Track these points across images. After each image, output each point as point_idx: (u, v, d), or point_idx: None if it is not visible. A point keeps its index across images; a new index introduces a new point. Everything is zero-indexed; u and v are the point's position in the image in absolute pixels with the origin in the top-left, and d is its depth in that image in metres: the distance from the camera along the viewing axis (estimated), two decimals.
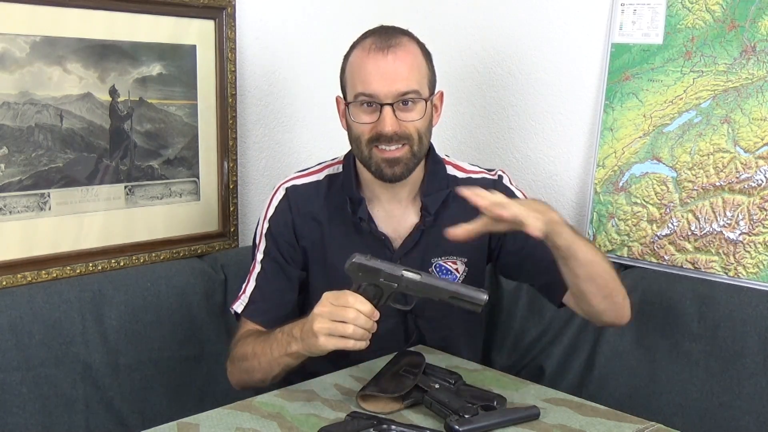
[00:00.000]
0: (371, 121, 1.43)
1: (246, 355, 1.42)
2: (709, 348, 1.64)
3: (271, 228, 1.54)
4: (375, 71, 1.41)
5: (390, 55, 1.41)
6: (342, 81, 1.50)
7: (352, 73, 1.46)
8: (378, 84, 1.41)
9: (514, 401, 1.31)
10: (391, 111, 1.41)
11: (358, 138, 1.46)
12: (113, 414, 1.63)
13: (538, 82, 2.04)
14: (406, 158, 1.45)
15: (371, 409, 1.26)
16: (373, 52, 1.42)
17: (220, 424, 1.21)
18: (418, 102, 1.43)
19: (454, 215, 1.53)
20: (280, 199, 1.55)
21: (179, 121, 1.82)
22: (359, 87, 1.43)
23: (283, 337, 1.34)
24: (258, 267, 1.54)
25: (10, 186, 1.58)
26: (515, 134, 2.11)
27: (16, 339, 1.52)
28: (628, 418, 1.26)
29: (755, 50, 1.67)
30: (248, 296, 1.52)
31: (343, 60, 1.50)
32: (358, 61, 1.45)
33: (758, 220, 1.66)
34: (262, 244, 1.55)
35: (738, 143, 1.69)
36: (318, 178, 1.57)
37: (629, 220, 1.84)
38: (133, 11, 1.70)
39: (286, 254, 1.53)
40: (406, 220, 1.54)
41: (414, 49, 1.46)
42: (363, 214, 1.51)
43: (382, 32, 1.47)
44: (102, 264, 1.71)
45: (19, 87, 1.56)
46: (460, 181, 1.56)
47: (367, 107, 1.43)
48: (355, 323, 1.22)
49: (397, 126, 1.41)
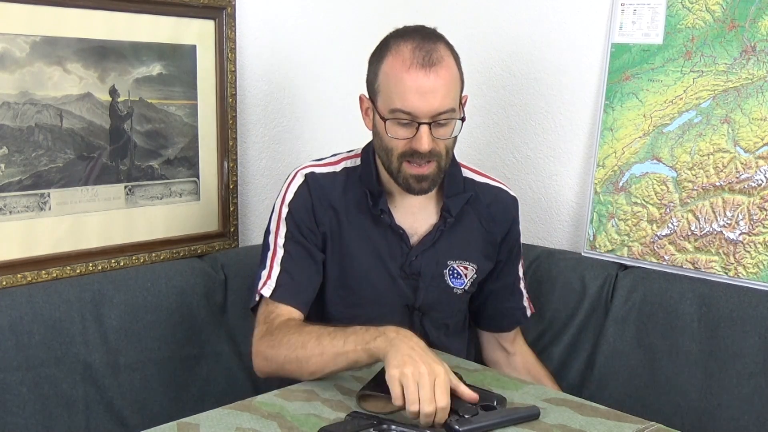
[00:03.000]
0: (407, 137, 1.40)
1: (303, 343, 1.33)
2: (708, 348, 1.64)
3: (291, 212, 1.51)
4: (415, 89, 1.37)
5: (432, 74, 1.37)
6: (373, 84, 1.45)
7: (389, 84, 1.40)
8: (418, 103, 1.37)
9: (515, 401, 1.31)
10: (428, 130, 1.39)
11: (389, 150, 1.43)
12: (113, 414, 1.63)
13: (538, 82, 2.04)
14: (434, 174, 1.44)
15: (371, 408, 1.26)
16: (414, 69, 1.37)
17: (220, 424, 1.21)
18: (453, 120, 1.42)
19: (470, 220, 1.56)
20: (300, 184, 1.52)
21: (179, 121, 1.82)
22: (397, 103, 1.39)
23: (368, 332, 1.27)
24: (281, 251, 1.50)
25: (10, 186, 1.58)
26: (515, 134, 2.11)
27: (16, 339, 1.52)
28: (628, 418, 1.26)
29: (755, 50, 1.67)
30: (275, 280, 1.47)
31: (373, 59, 1.46)
32: (396, 74, 1.39)
33: (758, 220, 1.66)
34: (281, 228, 1.51)
35: (738, 143, 1.69)
36: (335, 170, 1.55)
37: (629, 220, 1.84)
38: (133, 11, 1.70)
39: (308, 237, 1.51)
40: (423, 217, 1.54)
41: (451, 63, 1.42)
42: (384, 206, 1.50)
43: (421, 40, 1.41)
44: (102, 264, 1.71)
45: (19, 87, 1.56)
46: (477, 185, 1.59)
47: (403, 123, 1.40)
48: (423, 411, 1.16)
49: (433, 144, 1.40)
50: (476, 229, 1.56)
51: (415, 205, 1.53)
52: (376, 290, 1.52)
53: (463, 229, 1.54)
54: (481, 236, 1.57)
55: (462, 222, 1.54)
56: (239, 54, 1.92)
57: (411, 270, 1.52)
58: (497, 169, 2.12)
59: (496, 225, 1.58)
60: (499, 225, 1.58)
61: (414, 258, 1.51)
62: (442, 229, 1.52)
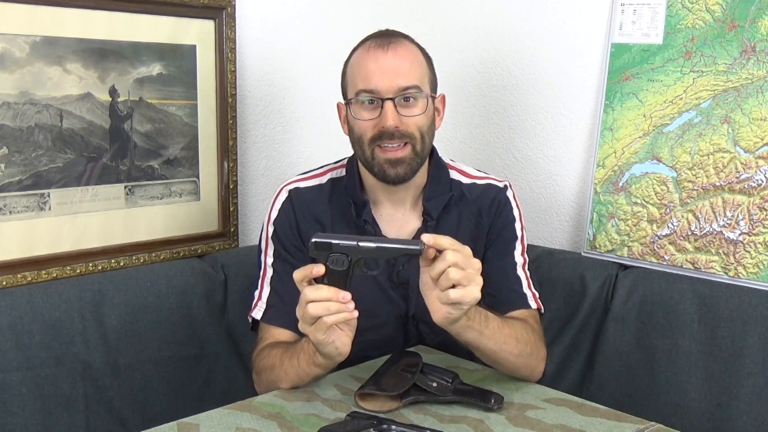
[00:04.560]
0: (373, 117, 1.42)
1: (273, 366, 1.38)
2: (708, 348, 1.65)
3: (276, 230, 1.52)
4: (376, 67, 1.41)
5: (390, 52, 1.42)
6: (343, 84, 1.50)
7: (353, 71, 1.46)
8: (379, 79, 1.40)
9: (514, 401, 1.31)
10: (393, 106, 1.40)
11: (360, 138, 1.45)
12: (113, 414, 1.63)
13: (538, 82, 2.04)
14: (409, 158, 1.43)
15: (370, 407, 1.26)
16: (373, 49, 1.43)
17: (220, 424, 1.21)
18: (420, 98, 1.43)
19: (456, 220, 1.54)
20: (283, 201, 1.53)
21: (179, 121, 1.82)
22: (360, 84, 1.42)
23: (309, 346, 1.31)
24: (270, 271, 1.52)
25: (10, 186, 1.58)
26: (515, 134, 2.11)
27: (16, 339, 1.52)
28: (628, 418, 1.26)
29: (755, 50, 1.67)
30: (265, 302, 1.50)
31: (343, 65, 1.51)
32: (358, 60, 1.45)
33: (758, 220, 1.66)
34: (269, 248, 1.53)
35: (738, 143, 1.69)
36: (321, 182, 1.56)
37: (629, 220, 1.84)
38: (133, 11, 1.70)
39: (294, 255, 1.51)
40: (408, 224, 1.53)
41: (414, 49, 1.47)
42: (368, 216, 1.50)
43: (382, 33, 1.48)
44: (102, 264, 1.71)
45: (19, 87, 1.56)
46: (464, 186, 1.56)
47: (369, 104, 1.42)
48: (328, 313, 1.20)
49: (399, 121, 1.40)
50: (464, 228, 1.54)
51: (400, 212, 1.53)
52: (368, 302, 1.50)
53: (448, 229, 1.51)
54: (470, 234, 1.53)
55: (447, 223, 1.52)
56: (239, 54, 1.92)
57: (399, 279, 1.51)
58: (497, 169, 2.12)
59: (483, 217, 1.55)
60: (485, 215, 1.55)
61: (401, 267, 1.50)
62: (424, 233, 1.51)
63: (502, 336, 1.35)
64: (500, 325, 1.36)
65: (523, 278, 1.55)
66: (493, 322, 1.34)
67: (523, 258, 1.56)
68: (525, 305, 1.52)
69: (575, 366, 1.81)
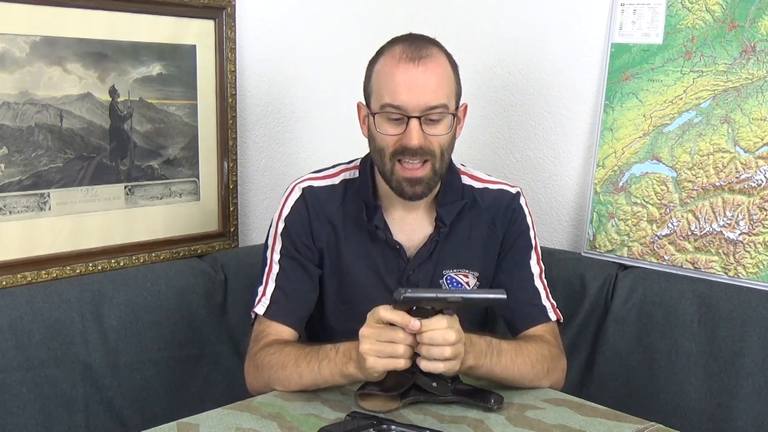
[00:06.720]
0: (397, 133, 1.39)
1: (284, 365, 1.36)
2: (708, 348, 1.65)
3: (287, 227, 1.50)
4: (404, 82, 1.37)
5: (421, 66, 1.37)
6: (367, 88, 1.46)
7: (380, 81, 1.41)
8: (407, 96, 1.37)
9: (514, 401, 1.31)
10: (418, 124, 1.37)
11: (381, 150, 1.42)
12: (113, 414, 1.63)
13: (538, 82, 2.04)
14: (428, 178, 1.42)
15: (369, 407, 1.26)
16: (404, 62, 1.37)
17: (220, 424, 1.21)
18: (446, 116, 1.40)
19: (468, 228, 1.53)
20: (296, 199, 1.51)
21: (179, 121, 1.82)
22: (387, 97, 1.38)
23: (338, 356, 1.30)
24: (276, 267, 1.50)
25: (10, 186, 1.58)
26: (515, 134, 2.11)
27: (16, 339, 1.52)
28: (628, 418, 1.26)
29: (755, 50, 1.67)
30: (269, 298, 1.48)
31: (368, 65, 1.46)
32: (386, 70, 1.40)
33: (758, 220, 1.66)
34: (277, 244, 1.51)
35: (738, 143, 1.69)
36: (334, 182, 1.54)
37: (629, 220, 1.84)
38: (133, 11, 1.70)
39: (303, 253, 1.50)
40: (420, 230, 1.52)
41: (444, 61, 1.42)
42: (379, 221, 1.48)
43: (412, 41, 1.41)
44: (102, 264, 1.71)
45: (19, 87, 1.56)
46: (476, 191, 1.55)
47: (394, 119, 1.40)
48: (405, 343, 1.20)
49: (423, 140, 1.38)
50: (477, 236, 1.53)
51: (412, 217, 1.52)
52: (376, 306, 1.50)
53: (461, 237, 1.52)
54: (482, 242, 1.53)
55: (460, 230, 1.51)
56: (239, 54, 1.92)
57: (409, 284, 1.50)
58: (497, 169, 2.12)
59: (498, 224, 1.55)
60: (500, 223, 1.54)
61: (411, 272, 1.49)
62: (436, 239, 1.50)
63: (515, 366, 1.36)
64: (514, 357, 1.37)
65: (541, 289, 1.54)
66: (505, 356, 1.35)
67: (539, 267, 1.56)
68: (545, 319, 1.52)
69: (575, 366, 1.81)
